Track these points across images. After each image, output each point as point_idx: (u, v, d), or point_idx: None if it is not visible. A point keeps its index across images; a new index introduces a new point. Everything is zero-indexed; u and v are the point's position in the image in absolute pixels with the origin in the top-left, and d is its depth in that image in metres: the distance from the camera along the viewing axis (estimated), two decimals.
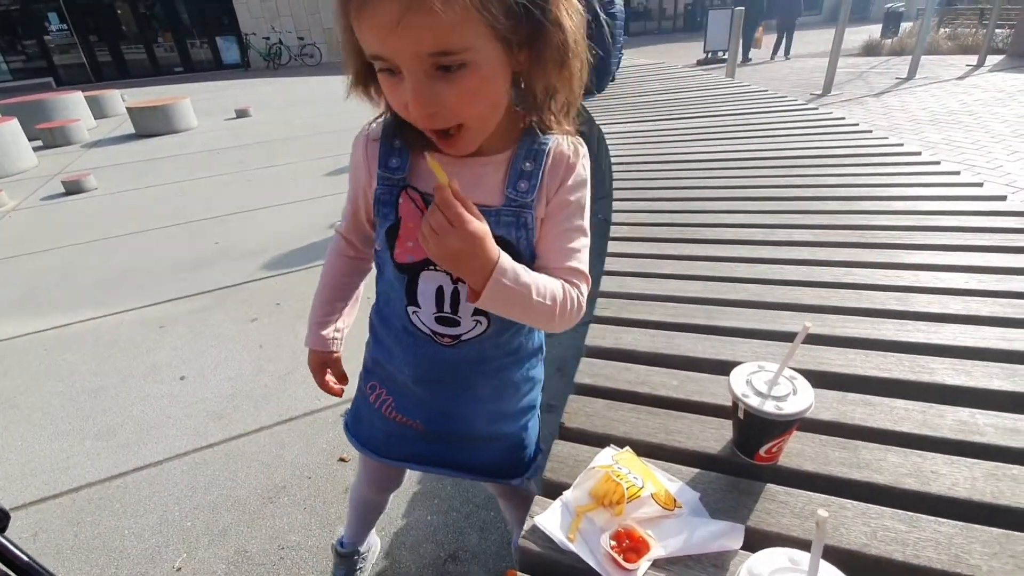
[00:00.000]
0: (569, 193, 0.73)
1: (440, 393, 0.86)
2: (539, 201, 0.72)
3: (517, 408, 0.90)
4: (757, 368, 0.78)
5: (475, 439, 0.91)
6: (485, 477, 0.96)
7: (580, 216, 0.75)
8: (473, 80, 0.58)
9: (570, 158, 0.73)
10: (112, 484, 1.65)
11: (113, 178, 5.06)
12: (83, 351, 2.36)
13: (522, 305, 0.67)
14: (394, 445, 0.94)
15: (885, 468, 0.77)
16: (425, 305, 0.78)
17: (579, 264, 0.74)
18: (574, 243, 0.74)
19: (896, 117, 5.52)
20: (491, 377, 0.85)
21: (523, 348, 0.86)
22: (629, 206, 1.82)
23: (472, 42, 0.55)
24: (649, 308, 1.21)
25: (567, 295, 0.71)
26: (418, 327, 0.80)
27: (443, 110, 0.59)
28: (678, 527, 0.69)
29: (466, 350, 0.81)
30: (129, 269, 3.14)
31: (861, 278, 1.26)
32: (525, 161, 0.71)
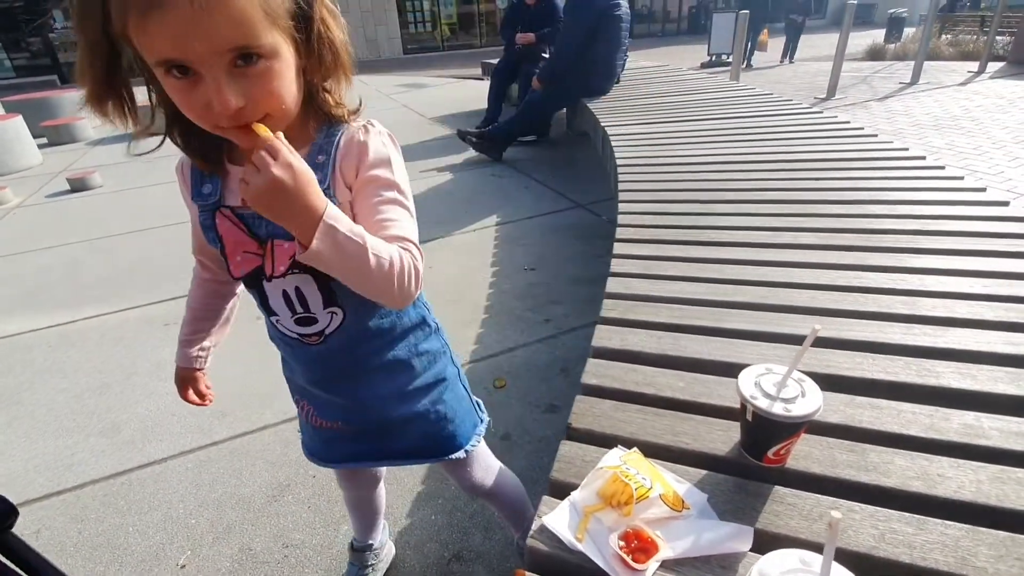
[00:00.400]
0: (370, 169, 0.72)
1: (337, 390, 0.88)
2: (336, 188, 0.72)
3: (420, 384, 0.90)
4: (765, 370, 0.78)
5: (393, 425, 0.91)
6: (421, 459, 0.99)
7: (392, 190, 0.73)
8: (273, 70, 0.60)
9: (360, 139, 0.73)
10: (117, 481, 1.66)
11: (118, 176, 5.07)
12: (87, 348, 2.37)
13: (359, 260, 0.63)
14: (331, 449, 0.97)
15: (892, 471, 0.77)
16: (281, 312, 0.80)
17: (405, 232, 0.71)
18: (389, 214, 0.71)
19: (899, 121, 5.53)
20: (374, 360, 0.86)
21: (397, 326, 0.86)
22: (635, 208, 1.82)
23: (264, 34, 0.57)
24: (655, 310, 1.22)
25: (403, 257, 0.68)
26: (286, 334, 0.83)
27: (250, 103, 0.59)
28: (686, 528, 0.69)
29: (335, 343, 0.82)
30: (133, 267, 3.15)
31: (868, 281, 1.26)
32: (319, 155, 0.72)
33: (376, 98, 8.61)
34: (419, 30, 18.10)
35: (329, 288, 0.77)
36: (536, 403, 1.84)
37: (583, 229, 3.26)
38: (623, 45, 4.15)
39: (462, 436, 0.96)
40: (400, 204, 0.73)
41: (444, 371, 0.94)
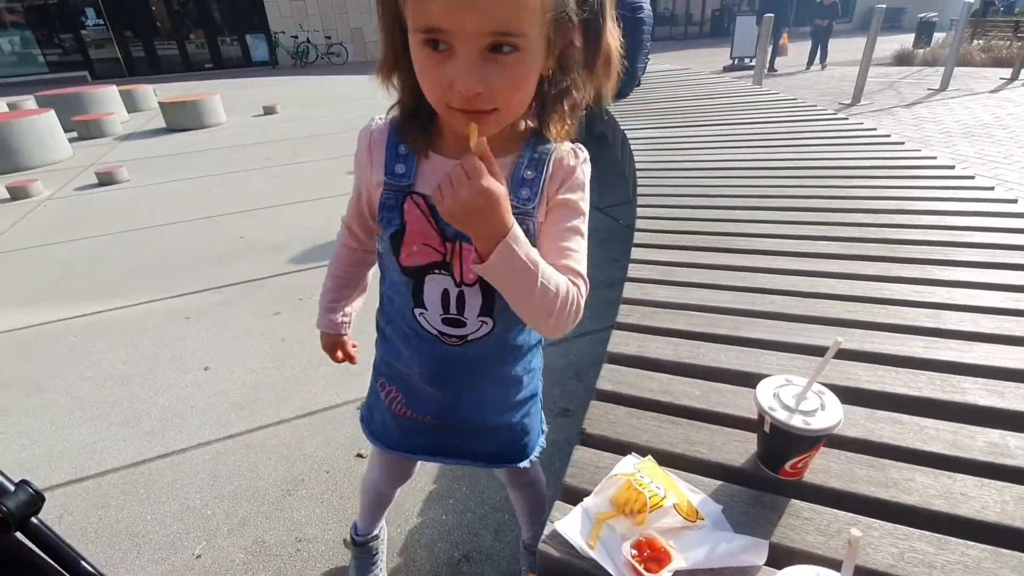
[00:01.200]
0: (567, 194, 0.73)
1: (447, 389, 0.89)
2: (540, 208, 0.73)
3: (519, 399, 0.92)
4: (784, 381, 0.77)
5: (481, 429, 0.94)
6: (490, 464, 1.00)
7: (577, 218, 0.74)
8: (521, 66, 0.60)
9: (570, 163, 0.74)
10: (137, 470, 1.69)
11: (144, 171, 5.18)
12: (111, 339, 2.43)
13: (527, 284, 0.65)
14: (403, 438, 0.98)
15: (914, 488, 0.76)
16: (432, 307, 0.80)
17: (576, 264, 0.72)
18: (571, 243, 0.73)
19: (927, 129, 5.41)
20: (495, 372, 0.87)
21: (527, 344, 0.88)
22: (653, 212, 1.81)
23: (529, 29, 0.57)
24: (673, 316, 1.21)
25: (569, 291, 0.69)
26: (425, 328, 0.82)
27: (488, 91, 0.60)
28: (700, 539, 0.69)
29: (472, 349, 0.83)
30: (157, 260, 3.22)
31: (892, 293, 1.24)
32: (527, 169, 0.72)
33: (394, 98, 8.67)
34: None
35: (492, 298, 0.78)
36: (549, 407, 1.84)
37: (599, 233, 3.25)
38: (645, 48, 4.12)
39: (532, 446, 0.98)
40: (582, 235, 0.74)
41: (538, 387, 0.96)
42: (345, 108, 7.97)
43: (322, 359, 2.15)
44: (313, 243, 3.30)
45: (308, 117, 7.45)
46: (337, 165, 4.99)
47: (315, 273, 2.91)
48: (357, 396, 1.94)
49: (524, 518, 1.23)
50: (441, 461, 1.01)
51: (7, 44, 15.08)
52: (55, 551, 0.75)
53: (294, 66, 15.32)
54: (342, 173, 4.74)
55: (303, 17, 15.47)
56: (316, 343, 2.15)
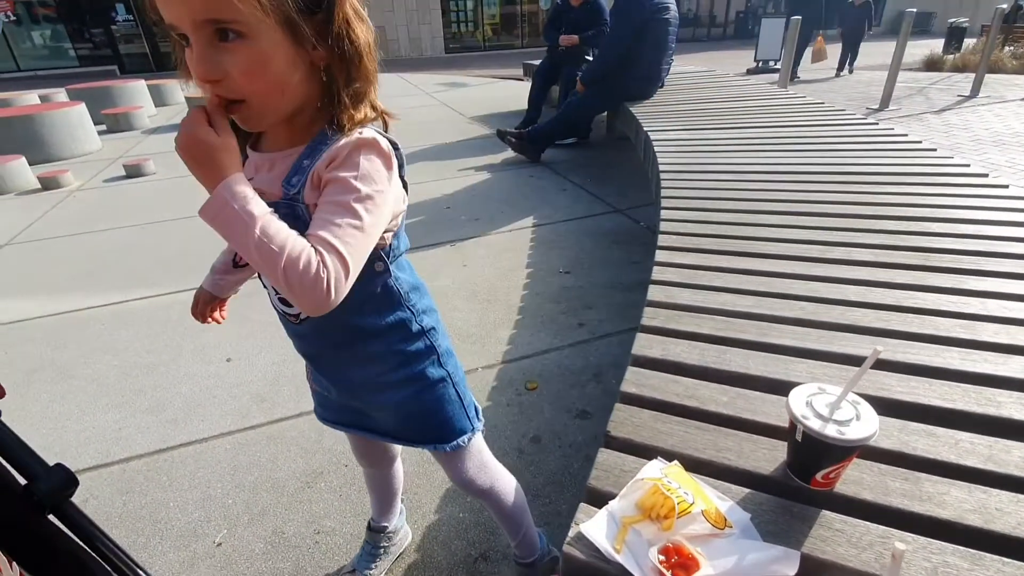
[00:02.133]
0: (333, 172, 0.70)
1: (318, 365, 0.95)
2: (306, 192, 0.72)
3: (394, 379, 0.91)
4: (818, 390, 0.76)
5: (368, 406, 0.97)
6: (392, 439, 1.03)
7: (345, 195, 0.69)
8: (249, 52, 0.62)
9: (343, 149, 0.70)
10: (160, 457, 1.72)
11: (170, 164, 5.26)
12: (137, 328, 2.47)
13: (243, 235, 0.63)
14: (321, 410, 1.06)
15: (948, 502, 0.74)
16: (269, 286, 0.83)
17: (332, 238, 0.67)
18: (333, 217, 0.68)
19: (958, 136, 5.28)
20: (344, 350, 0.89)
21: (371, 326, 0.86)
22: (678, 215, 1.79)
23: (240, 16, 0.59)
24: (698, 320, 1.20)
25: (305, 255, 0.64)
26: (275, 306, 0.87)
27: (227, 79, 0.63)
28: (729, 548, 0.68)
29: (309, 327, 0.86)
30: (182, 252, 3.27)
31: (925, 302, 1.21)
32: (306, 159, 0.72)
33: (416, 95, 8.72)
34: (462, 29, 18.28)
35: None
36: (567, 408, 1.83)
37: (620, 234, 3.23)
38: (670, 49, 4.09)
39: (446, 434, 0.98)
40: (348, 210, 0.69)
41: (424, 372, 0.93)
42: None
43: None
44: None
45: None
46: None
47: None
48: None
49: (502, 528, 1.22)
50: (358, 433, 1.05)
51: (39, 38, 15.46)
52: (87, 535, 0.77)
53: None
54: None
55: None
56: None
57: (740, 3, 20.64)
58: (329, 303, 0.67)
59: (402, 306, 0.88)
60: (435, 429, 0.98)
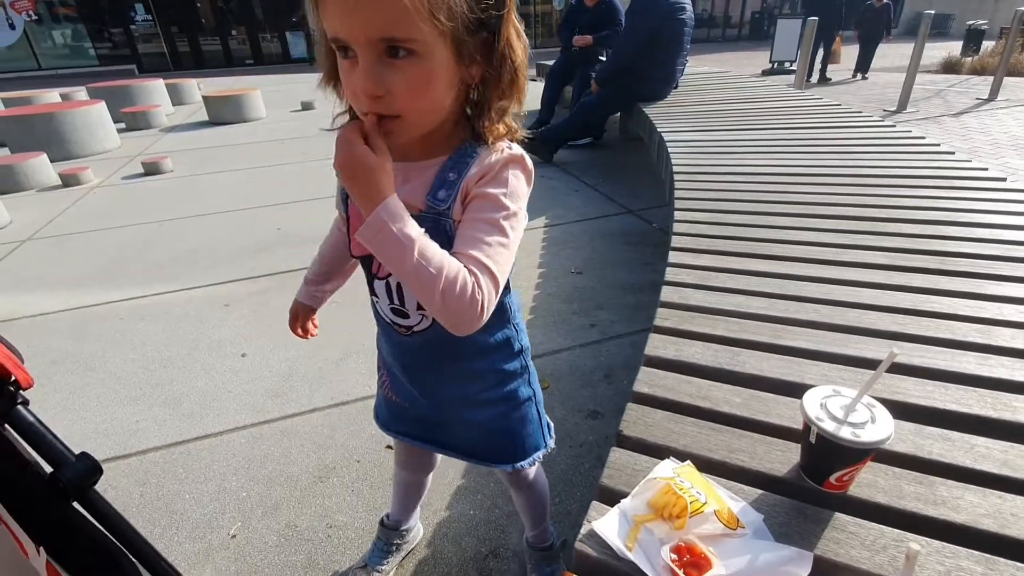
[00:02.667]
0: (483, 188, 0.71)
1: (412, 377, 0.94)
2: (455, 208, 0.72)
3: (489, 397, 0.93)
4: (832, 392, 0.76)
5: (453, 423, 0.97)
6: (469, 458, 1.03)
7: (495, 212, 0.70)
8: (418, 70, 0.62)
9: (495, 165, 0.72)
10: (176, 450, 1.75)
11: (187, 162, 5.34)
12: (155, 323, 2.51)
13: (400, 258, 0.63)
14: (392, 421, 1.05)
15: (963, 507, 0.74)
16: (381, 296, 0.84)
17: (484, 257, 0.68)
18: (482, 235, 0.69)
19: (975, 140, 5.21)
20: (450, 366, 0.90)
21: (478, 342, 0.86)
22: (691, 217, 1.79)
23: (419, 35, 0.59)
24: (712, 322, 1.20)
25: (461, 277, 0.65)
26: (382, 315, 0.88)
27: (388, 96, 0.62)
28: (741, 548, 0.68)
29: (419, 340, 0.86)
30: (199, 248, 3.32)
31: (941, 307, 1.20)
32: (451, 171, 0.72)
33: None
34: None
35: None
36: (578, 408, 1.83)
37: (633, 235, 3.22)
38: (684, 49, 4.07)
39: (520, 453, 0.98)
40: (496, 228, 0.70)
41: (517, 392, 0.95)
42: None
43: (354, 351, 2.19)
44: None
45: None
46: None
47: None
48: None
49: (525, 518, 1.24)
50: (428, 448, 1.05)
51: (60, 37, 15.74)
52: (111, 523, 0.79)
53: None
54: None
55: None
56: (348, 335, 2.19)
57: (755, 3, 20.48)
58: (479, 323, 0.68)
59: (509, 324, 0.90)
60: (513, 449, 0.98)
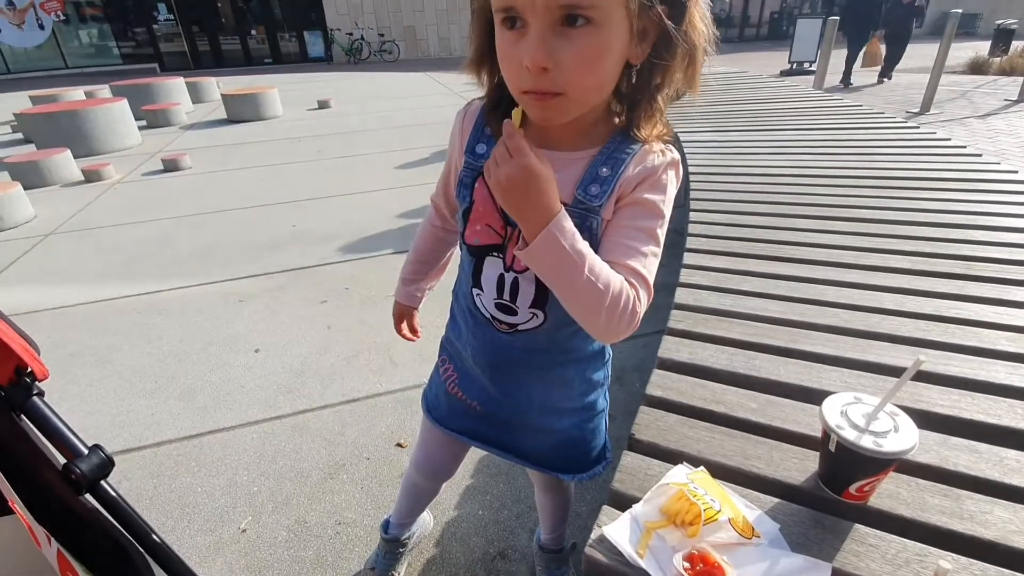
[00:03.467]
0: (644, 193, 0.69)
1: (495, 377, 0.88)
2: (607, 207, 0.69)
3: (571, 406, 0.90)
4: (854, 399, 0.73)
5: (527, 428, 0.92)
6: (533, 465, 0.98)
7: (653, 221, 0.69)
8: (593, 41, 0.57)
9: (653, 163, 0.69)
10: (190, 443, 1.77)
11: (206, 159, 5.41)
12: (171, 317, 2.54)
13: (570, 275, 0.61)
14: (451, 417, 0.99)
15: (991, 522, 0.71)
16: (487, 289, 0.80)
17: (642, 268, 0.67)
18: (640, 244, 0.68)
19: (1003, 142, 5.07)
20: (544, 370, 0.85)
21: (580, 349, 0.85)
22: (707, 218, 1.76)
23: (605, 2, 0.55)
24: (727, 325, 1.17)
25: (624, 291, 0.64)
26: (480, 310, 0.83)
27: (556, 69, 0.57)
28: (757, 557, 0.66)
29: (521, 340, 0.82)
30: (215, 244, 3.35)
31: (968, 313, 1.16)
32: (603, 166, 0.69)
33: (444, 95, 8.78)
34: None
35: (545, 292, 0.76)
36: None
37: None
38: None
39: (583, 466, 0.95)
40: (653, 238, 0.69)
41: (596, 402, 0.93)
42: (395, 104, 8.12)
43: (364, 349, 2.20)
44: (360, 235, 3.37)
45: (360, 112, 7.62)
46: (387, 160, 5.08)
47: (362, 264, 2.97)
48: (399, 387, 1.97)
49: (546, 521, 1.22)
50: (484, 448, 1.00)
51: (86, 37, 16.04)
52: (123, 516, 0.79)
53: (348, 62, 15.69)
54: (391, 168, 4.83)
55: (359, 15, 15.83)
56: (360, 333, 2.20)
57: (775, 3, 20.21)
58: (628, 332, 0.67)
59: None
60: (581, 459, 0.95)
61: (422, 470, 1.13)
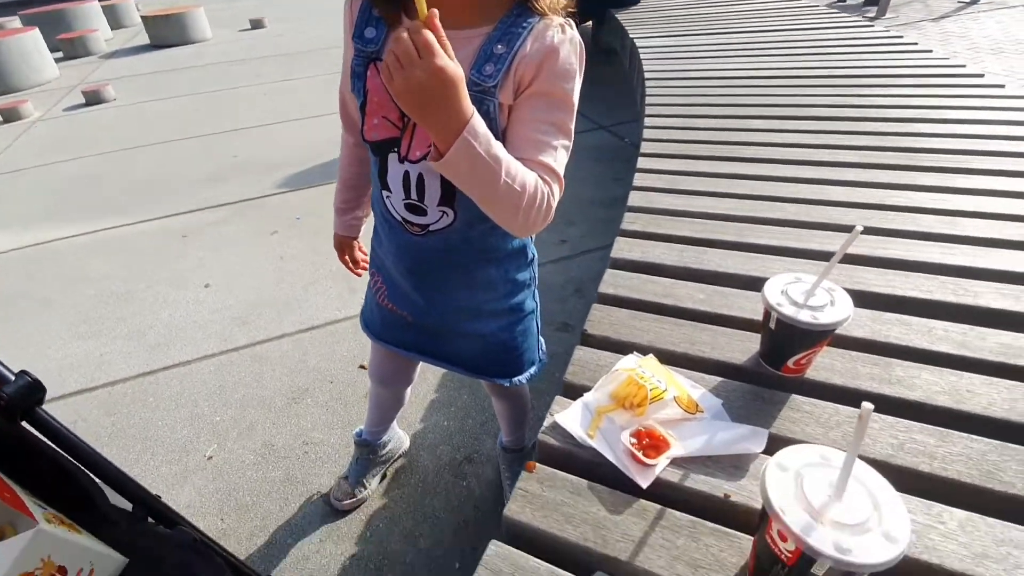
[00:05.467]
0: (549, 81, 0.64)
1: (417, 283, 0.87)
2: (504, 87, 0.64)
3: (496, 307, 0.89)
4: (794, 279, 0.75)
5: (456, 334, 0.93)
6: (466, 371, 0.99)
7: (562, 113, 0.66)
8: None
9: (553, 40, 0.64)
10: (145, 380, 1.73)
11: (132, 89, 4.96)
12: (111, 257, 2.41)
13: (489, 181, 0.59)
14: (385, 330, 0.98)
15: (918, 385, 0.75)
16: (395, 190, 0.76)
17: (554, 163, 0.65)
18: (550, 139, 0.65)
19: (954, 45, 5.09)
20: (463, 272, 0.84)
21: (498, 248, 0.83)
22: (662, 123, 1.72)
23: None
24: (678, 224, 1.17)
25: (539, 189, 0.63)
26: (392, 213, 0.80)
27: None
28: (699, 429, 0.69)
29: (435, 241, 0.79)
30: (150, 180, 3.14)
31: (909, 201, 1.19)
32: (498, 43, 0.64)
33: None
34: None
35: (451, 188, 0.72)
36: (549, 321, 1.84)
37: (603, 151, 3.13)
38: None
39: (517, 368, 0.96)
40: (563, 130, 0.67)
41: (523, 304, 0.92)
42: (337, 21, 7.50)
43: (321, 277, 2.14)
44: (307, 163, 3.20)
45: (298, 31, 7.03)
46: (331, 82, 4.75)
47: (311, 193, 2.84)
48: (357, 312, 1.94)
49: (504, 425, 1.26)
50: (419, 359, 1.00)
51: None
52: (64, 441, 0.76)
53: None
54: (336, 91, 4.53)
55: None
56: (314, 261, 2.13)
57: None
58: (543, 226, 0.67)
59: None
60: (512, 363, 0.95)
61: (376, 378, 1.15)
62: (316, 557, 1.20)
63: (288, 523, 1.27)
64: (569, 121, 0.67)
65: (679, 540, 0.59)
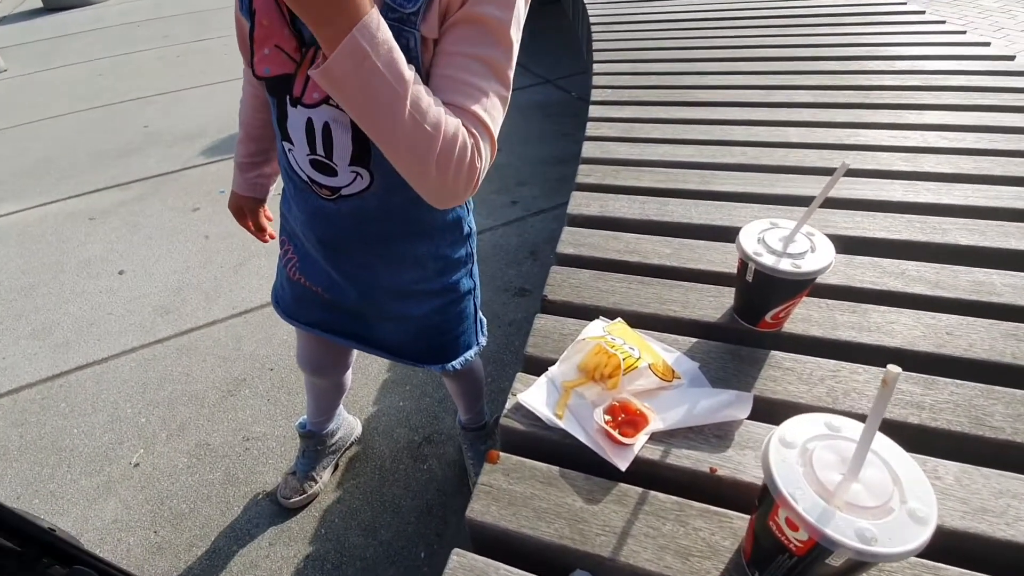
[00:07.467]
0: (479, 7, 0.51)
1: (331, 257, 0.75)
2: (428, 16, 0.51)
3: (426, 288, 0.78)
4: (769, 225, 0.68)
5: (381, 317, 0.81)
6: (393, 357, 0.88)
7: (495, 49, 0.52)
8: None
9: None
10: (54, 384, 1.53)
11: (23, 58, 4.39)
12: (7, 247, 2.12)
13: (387, 107, 0.45)
14: (298, 308, 0.86)
15: (897, 331, 0.71)
16: (297, 143, 0.63)
17: (482, 111, 0.52)
18: (478, 79, 0.52)
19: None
20: (383, 246, 0.72)
21: (427, 221, 0.72)
22: (611, 68, 1.62)
23: None
24: (637, 174, 1.09)
25: (460, 137, 0.50)
26: (296, 170, 0.67)
27: None
28: (678, 399, 0.62)
29: (347, 207, 0.67)
30: (49, 157, 2.79)
31: (867, 139, 1.15)
32: None
33: None
34: None
35: (366, 143, 0.59)
36: (505, 287, 1.75)
37: (551, 107, 3.01)
38: None
39: (452, 353, 0.86)
40: (496, 72, 0.52)
41: (459, 283, 0.81)
42: None
43: (252, 255, 1.96)
44: (228, 130, 2.92)
45: None
46: None
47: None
48: None
49: (459, 403, 1.17)
50: (339, 342, 0.87)
51: None
52: None
53: None
54: None
55: None
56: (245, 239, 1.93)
57: None
58: (470, 196, 0.55)
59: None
60: (446, 348, 0.84)
61: (305, 367, 1.02)
62: (266, 563, 1.09)
63: (231, 528, 1.15)
64: (504, 61, 0.53)
65: (665, 527, 0.52)
